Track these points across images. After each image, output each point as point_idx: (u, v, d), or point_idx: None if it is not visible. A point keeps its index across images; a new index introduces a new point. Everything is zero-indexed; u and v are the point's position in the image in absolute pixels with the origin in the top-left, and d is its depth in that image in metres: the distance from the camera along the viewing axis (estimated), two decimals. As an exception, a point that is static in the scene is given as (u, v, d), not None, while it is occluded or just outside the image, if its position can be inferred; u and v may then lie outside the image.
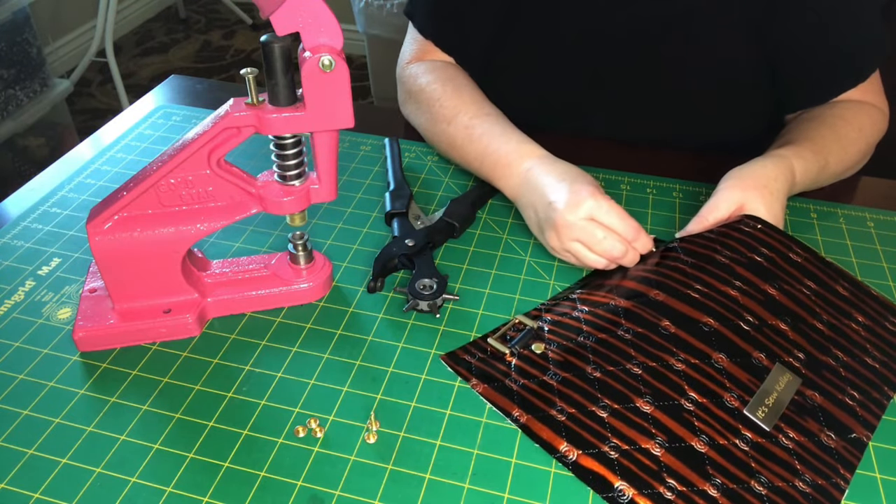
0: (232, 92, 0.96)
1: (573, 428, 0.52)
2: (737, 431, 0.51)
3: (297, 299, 0.64)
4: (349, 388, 0.57)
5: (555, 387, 0.55)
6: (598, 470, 0.50)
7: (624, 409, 0.53)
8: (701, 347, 0.55)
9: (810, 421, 0.53)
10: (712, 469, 0.49)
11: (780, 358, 0.55)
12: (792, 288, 0.60)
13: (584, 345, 0.57)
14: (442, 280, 0.63)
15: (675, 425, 0.52)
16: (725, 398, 0.53)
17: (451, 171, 0.81)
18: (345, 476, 0.51)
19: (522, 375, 0.56)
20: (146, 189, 0.57)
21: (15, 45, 1.80)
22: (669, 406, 0.52)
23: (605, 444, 0.51)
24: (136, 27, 2.91)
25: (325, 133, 0.57)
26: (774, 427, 0.52)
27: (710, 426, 0.51)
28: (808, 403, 0.53)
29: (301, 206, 0.60)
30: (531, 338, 0.59)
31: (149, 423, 0.54)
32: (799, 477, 0.49)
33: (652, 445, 0.51)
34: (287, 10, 0.50)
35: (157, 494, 0.50)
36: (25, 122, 1.86)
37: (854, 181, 0.80)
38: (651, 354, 0.55)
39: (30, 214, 0.74)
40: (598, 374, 0.55)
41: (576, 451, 0.51)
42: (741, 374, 0.54)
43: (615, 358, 0.56)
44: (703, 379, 0.54)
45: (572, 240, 0.62)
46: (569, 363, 0.56)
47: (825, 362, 0.56)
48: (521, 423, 0.53)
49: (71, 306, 0.64)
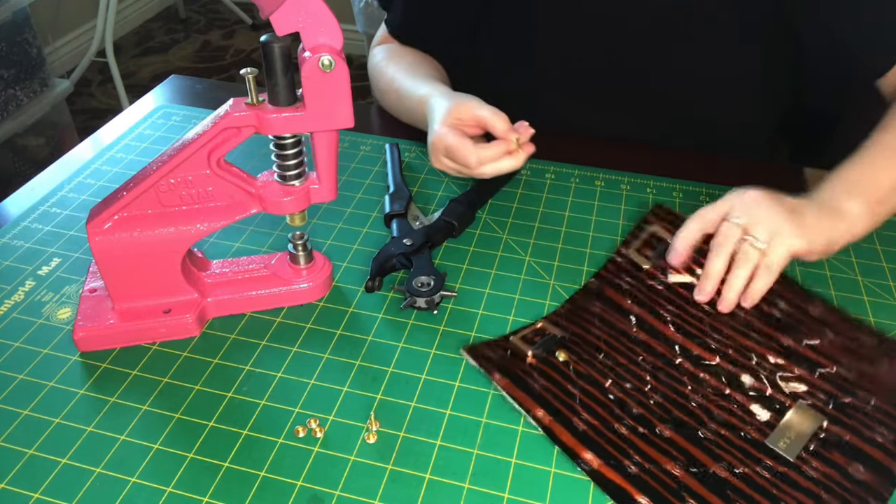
0: (232, 92, 0.96)
1: (595, 439, 0.52)
2: (759, 461, 0.50)
3: (297, 299, 0.64)
4: (349, 388, 0.57)
5: (577, 396, 0.55)
6: (619, 482, 0.49)
7: (645, 430, 0.53)
8: (717, 386, 0.56)
9: (836, 454, 0.51)
10: (733, 494, 0.48)
11: (801, 398, 0.55)
12: (812, 340, 0.59)
13: (605, 364, 0.58)
14: (440, 277, 0.63)
15: (696, 451, 0.51)
16: (746, 430, 0.52)
17: (451, 171, 0.81)
18: (345, 476, 0.51)
19: (545, 379, 0.56)
20: (146, 189, 0.57)
21: (15, 45, 1.80)
22: (689, 433, 0.52)
23: (627, 459, 0.51)
24: (136, 27, 2.91)
25: (325, 133, 0.57)
26: (798, 458, 0.50)
27: (730, 454, 0.51)
28: (834, 438, 0.52)
29: (301, 206, 0.60)
30: (555, 345, 0.59)
31: (149, 423, 0.54)
32: None
33: (672, 466, 0.50)
34: (287, 10, 0.50)
35: (157, 494, 0.50)
36: (25, 122, 1.86)
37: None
38: (669, 385, 0.56)
39: (30, 214, 0.74)
40: (619, 394, 0.55)
41: (597, 461, 0.51)
42: (760, 410, 0.54)
43: (635, 384, 0.56)
44: (722, 413, 0.54)
45: (438, 163, 0.70)
46: (591, 377, 0.57)
47: (849, 402, 0.55)
48: (544, 425, 0.53)
49: (71, 306, 0.64)
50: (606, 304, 0.63)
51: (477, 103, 0.69)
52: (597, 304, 0.63)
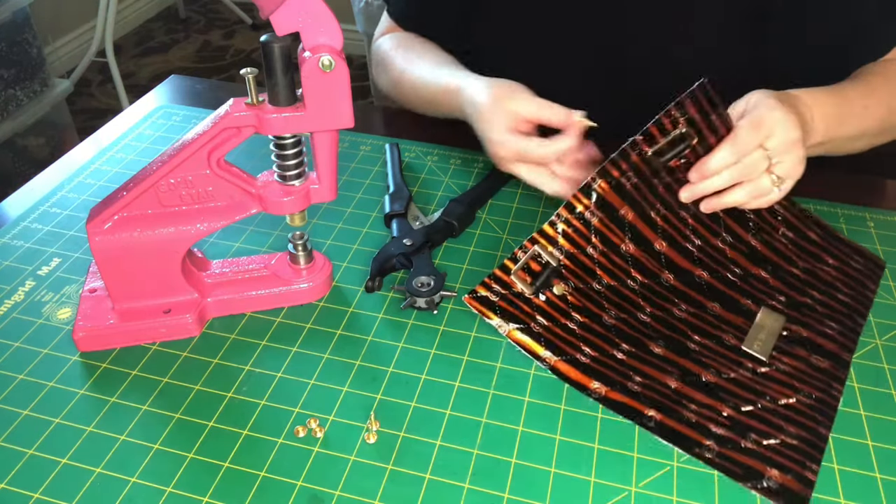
0: (232, 92, 0.96)
1: (598, 368, 0.57)
2: (739, 364, 0.59)
3: (297, 299, 0.64)
4: (349, 388, 0.57)
5: (577, 331, 0.60)
6: (627, 402, 0.55)
7: (640, 353, 0.59)
8: (697, 298, 0.63)
9: (799, 349, 0.60)
10: (724, 394, 0.56)
11: (764, 302, 0.63)
12: (771, 238, 0.68)
13: (598, 291, 0.62)
14: (440, 277, 0.63)
15: (687, 363, 0.58)
16: (724, 338, 0.60)
17: (450, 171, 0.81)
18: (345, 476, 0.51)
19: (545, 317, 0.60)
20: (146, 189, 0.57)
21: (15, 45, 1.80)
22: (678, 348, 0.59)
23: (629, 381, 0.57)
24: (136, 27, 2.91)
25: (325, 133, 0.57)
26: (770, 357, 0.59)
27: (716, 361, 0.58)
28: (795, 336, 0.61)
29: (301, 206, 0.60)
30: (552, 276, 0.61)
31: (149, 423, 0.54)
32: (799, 392, 0.56)
33: (669, 379, 0.57)
34: (287, 10, 0.50)
35: (157, 494, 0.50)
36: (25, 122, 1.86)
37: (854, 181, 0.80)
38: (656, 304, 0.62)
39: (30, 214, 0.74)
40: (612, 321, 0.61)
41: (604, 388, 0.56)
42: (734, 318, 0.62)
43: (626, 307, 0.62)
44: (702, 324, 0.61)
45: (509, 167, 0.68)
46: (587, 309, 0.61)
47: (803, 302, 0.64)
48: (550, 366, 0.58)
49: (71, 306, 0.64)
50: (601, 209, 0.62)
51: (522, 101, 0.66)
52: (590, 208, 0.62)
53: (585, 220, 0.62)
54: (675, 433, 0.53)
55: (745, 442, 0.53)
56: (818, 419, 0.55)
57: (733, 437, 0.53)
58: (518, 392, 0.57)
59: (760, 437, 0.53)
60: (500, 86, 0.68)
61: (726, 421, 0.54)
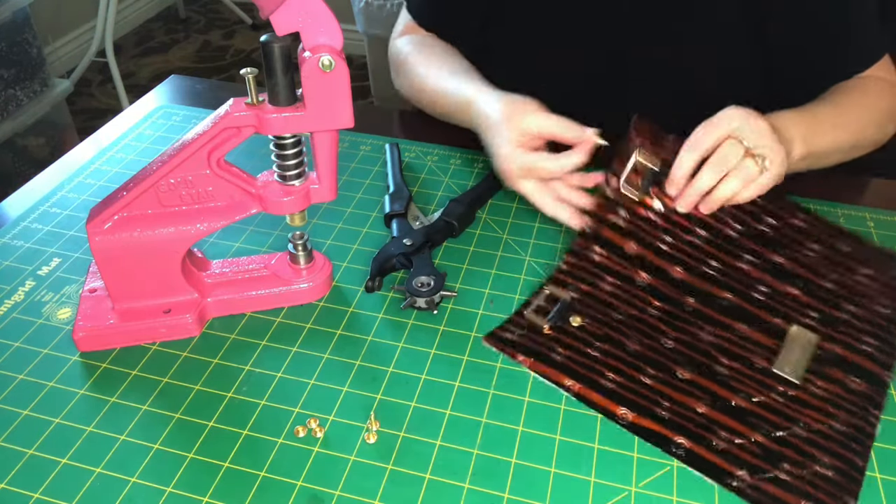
0: (232, 92, 0.96)
1: (624, 395, 0.56)
2: (770, 387, 0.56)
3: (297, 299, 0.64)
4: (349, 388, 0.57)
5: (599, 358, 0.58)
6: (656, 429, 0.53)
7: (667, 377, 0.57)
8: (723, 320, 0.60)
9: (834, 370, 0.57)
10: (756, 420, 0.54)
11: (795, 320, 0.60)
12: (798, 253, 0.64)
13: (618, 320, 0.61)
14: (440, 277, 0.63)
15: (716, 387, 0.56)
16: (753, 360, 0.58)
17: (450, 171, 0.81)
18: (345, 476, 0.51)
19: (565, 348, 0.59)
20: (146, 189, 0.57)
21: (15, 45, 1.80)
22: (706, 372, 0.57)
23: (657, 407, 0.55)
24: (136, 27, 2.91)
25: (325, 133, 0.57)
26: (803, 379, 0.56)
27: (746, 385, 0.56)
28: (829, 355, 0.58)
29: (301, 206, 0.60)
30: (567, 310, 0.61)
31: (149, 423, 0.54)
32: (833, 418, 0.54)
33: (698, 405, 0.55)
34: (287, 10, 0.50)
35: (157, 494, 0.50)
36: (25, 122, 1.86)
37: (854, 181, 0.80)
38: (679, 328, 0.60)
39: (30, 214, 0.74)
40: (636, 347, 0.59)
41: (631, 414, 0.54)
42: (763, 338, 0.59)
43: (650, 332, 0.60)
44: (730, 346, 0.59)
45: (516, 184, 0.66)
46: (608, 337, 0.60)
47: (838, 317, 0.60)
48: (575, 392, 0.56)
49: (71, 306, 0.64)
50: (607, 249, 0.63)
51: (533, 116, 0.65)
52: (598, 252, 0.63)
53: (591, 259, 0.63)
54: (705, 461, 0.51)
55: (777, 472, 0.51)
56: (854, 448, 0.52)
57: (764, 465, 0.51)
58: (518, 392, 0.57)
59: (793, 466, 0.51)
60: (513, 101, 0.67)
61: (757, 449, 0.52)
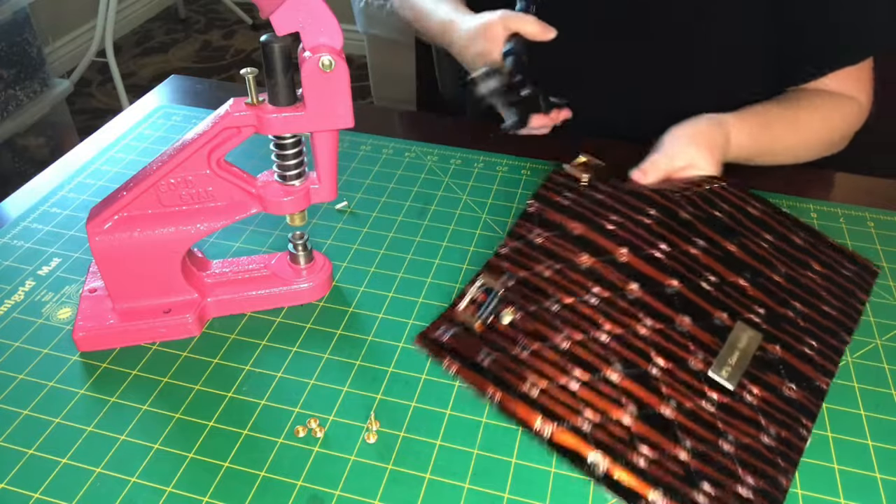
0: (232, 92, 0.96)
1: (545, 403, 0.52)
2: (702, 394, 0.53)
3: (297, 299, 0.64)
4: (349, 388, 0.57)
5: (526, 360, 0.55)
6: (572, 445, 0.51)
7: (594, 380, 0.53)
8: (665, 311, 0.56)
9: (772, 375, 0.55)
10: (681, 433, 0.51)
11: (740, 315, 0.57)
12: (751, 242, 0.62)
13: (551, 311, 0.57)
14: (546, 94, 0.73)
15: (645, 393, 0.53)
16: (690, 361, 0.54)
17: (450, 171, 0.81)
18: (345, 476, 0.51)
19: (493, 348, 0.56)
20: (146, 189, 0.57)
21: (15, 45, 1.80)
22: (637, 374, 0.54)
23: (578, 417, 0.52)
24: (136, 27, 2.91)
25: (325, 133, 0.57)
26: (738, 385, 0.54)
27: (676, 391, 0.53)
28: (769, 357, 0.56)
29: (301, 206, 0.60)
30: (500, 304, 0.58)
31: (149, 423, 0.54)
32: (764, 431, 0.52)
33: (622, 415, 0.52)
34: (287, 10, 0.50)
35: (157, 494, 0.50)
36: (25, 122, 1.86)
37: (854, 181, 0.80)
38: (617, 320, 0.56)
39: (30, 214, 0.74)
40: (567, 345, 0.55)
41: (551, 426, 0.51)
42: (704, 335, 0.56)
43: (584, 325, 0.56)
44: (667, 344, 0.55)
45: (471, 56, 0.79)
46: (538, 333, 0.56)
47: (784, 314, 0.58)
48: (496, 402, 0.53)
49: (71, 306, 0.64)
50: (548, 229, 0.61)
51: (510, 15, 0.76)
52: (539, 233, 0.61)
53: (530, 242, 0.60)
54: (618, 485, 0.49)
55: (696, 494, 0.48)
56: (780, 465, 0.50)
57: (682, 486, 0.49)
58: (518, 392, 0.57)
59: (713, 487, 0.49)
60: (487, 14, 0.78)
61: (676, 467, 0.49)
